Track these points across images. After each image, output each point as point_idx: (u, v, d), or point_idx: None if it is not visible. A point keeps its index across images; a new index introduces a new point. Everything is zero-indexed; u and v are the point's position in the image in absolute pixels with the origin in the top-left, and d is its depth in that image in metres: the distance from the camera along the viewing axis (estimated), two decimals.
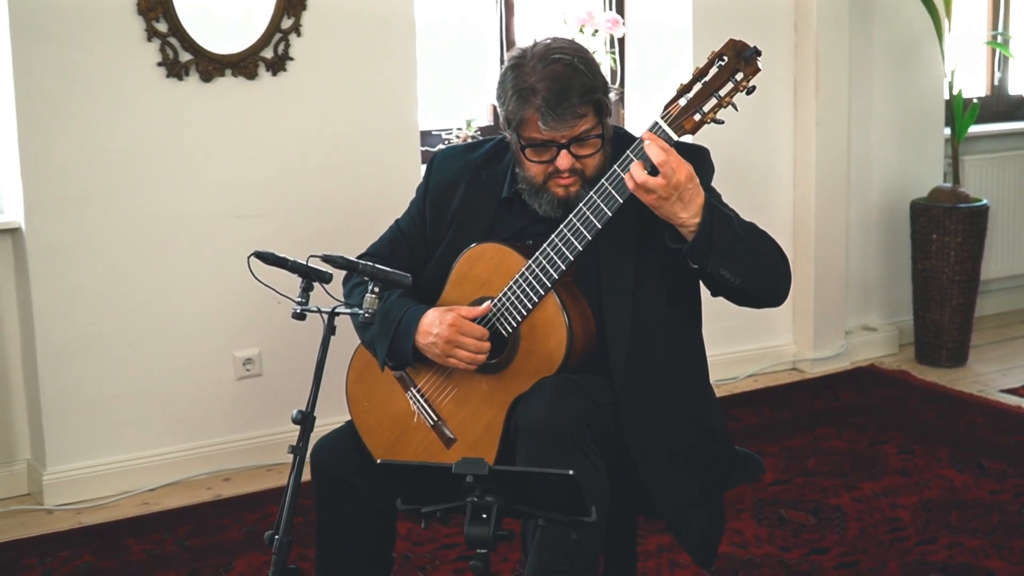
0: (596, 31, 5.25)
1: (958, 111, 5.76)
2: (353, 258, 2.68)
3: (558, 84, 2.67)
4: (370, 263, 2.64)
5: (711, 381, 2.97)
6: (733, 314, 2.93)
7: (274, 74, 4.54)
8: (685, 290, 2.84)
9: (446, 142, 5.16)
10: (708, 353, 2.96)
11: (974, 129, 6.05)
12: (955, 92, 5.75)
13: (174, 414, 4.54)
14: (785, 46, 5.57)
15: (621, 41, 5.54)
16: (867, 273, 6.01)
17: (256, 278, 2.70)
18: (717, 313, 3.03)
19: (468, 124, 5.22)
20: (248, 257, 2.63)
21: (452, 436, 2.79)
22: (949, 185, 5.81)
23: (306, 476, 2.86)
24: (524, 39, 5.21)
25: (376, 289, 2.60)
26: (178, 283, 4.50)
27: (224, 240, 4.50)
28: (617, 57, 5.52)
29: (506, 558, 3.67)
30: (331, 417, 3.22)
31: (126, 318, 4.42)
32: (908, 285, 5.93)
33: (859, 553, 3.77)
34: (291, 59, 4.56)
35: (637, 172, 2.58)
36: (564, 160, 2.72)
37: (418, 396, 2.85)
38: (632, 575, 3.07)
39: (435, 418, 2.82)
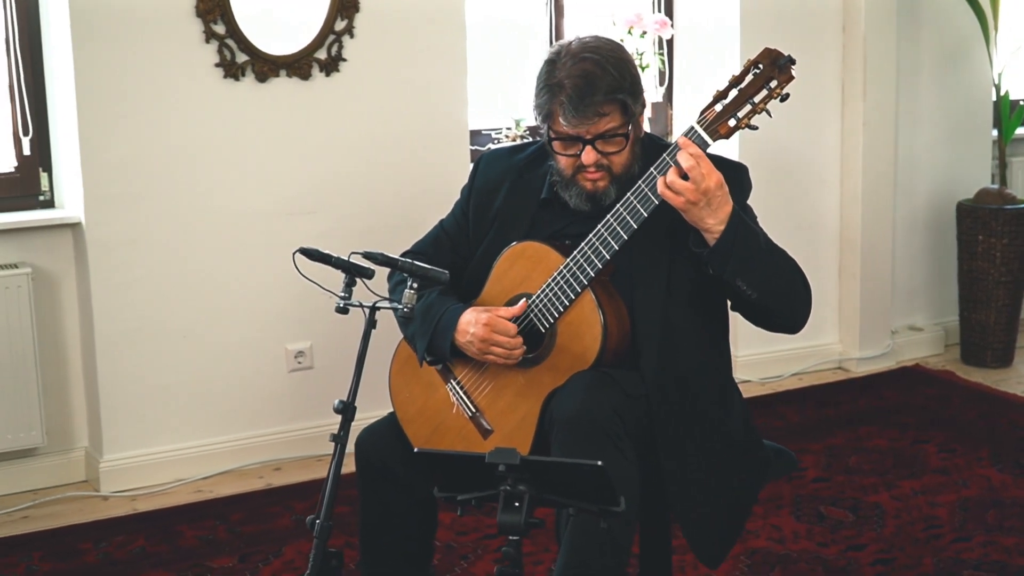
0: (644, 32, 5.28)
1: (1005, 113, 5.76)
2: (393, 255, 2.76)
3: (584, 81, 2.74)
4: (409, 260, 2.73)
5: (755, 379, 2.99)
6: None
7: (327, 75, 4.63)
8: (714, 299, 2.88)
9: (495, 141, 5.23)
10: (754, 351, 2.99)
11: (1021, 131, 6.03)
12: (1003, 94, 5.76)
13: (227, 405, 4.64)
14: (833, 48, 5.58)
15: (670, 42, 5.58)
16: (913, 273, 6.02)
17: (300, 273, 2.79)
18: None
19: (517, 124, 5.27)
20: (293, 253, 2.72)
21: (489, 427, 2.87)
22: (996, 187, 5.81)
23: (352, 468, 2.96)
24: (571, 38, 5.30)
25: (415, 285, 2.68)
26: (232, 277, 4.59)
27: (277, 236, 4.57)
28: (665, 58, 5.57)
29: (547, 548, 3.74)
30: (375, 409, 3.30)
31: (182, 311, 4.52)
32: (954, 286, 5.93)
33: (895, 550, 3.81)
34: (344, 60, 4.64)
35: (669, 174, 2.65)
36: (588, 156, 2.79)
37: (457, 388, 2.93)
38: (667, 567, 3.10)
39: (473, 409, 2.90)
